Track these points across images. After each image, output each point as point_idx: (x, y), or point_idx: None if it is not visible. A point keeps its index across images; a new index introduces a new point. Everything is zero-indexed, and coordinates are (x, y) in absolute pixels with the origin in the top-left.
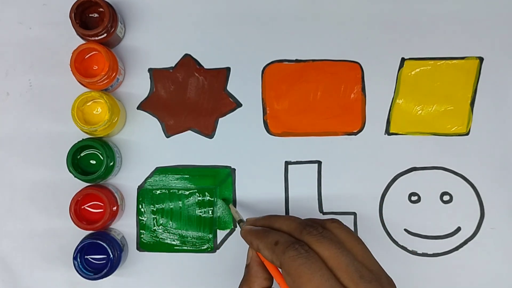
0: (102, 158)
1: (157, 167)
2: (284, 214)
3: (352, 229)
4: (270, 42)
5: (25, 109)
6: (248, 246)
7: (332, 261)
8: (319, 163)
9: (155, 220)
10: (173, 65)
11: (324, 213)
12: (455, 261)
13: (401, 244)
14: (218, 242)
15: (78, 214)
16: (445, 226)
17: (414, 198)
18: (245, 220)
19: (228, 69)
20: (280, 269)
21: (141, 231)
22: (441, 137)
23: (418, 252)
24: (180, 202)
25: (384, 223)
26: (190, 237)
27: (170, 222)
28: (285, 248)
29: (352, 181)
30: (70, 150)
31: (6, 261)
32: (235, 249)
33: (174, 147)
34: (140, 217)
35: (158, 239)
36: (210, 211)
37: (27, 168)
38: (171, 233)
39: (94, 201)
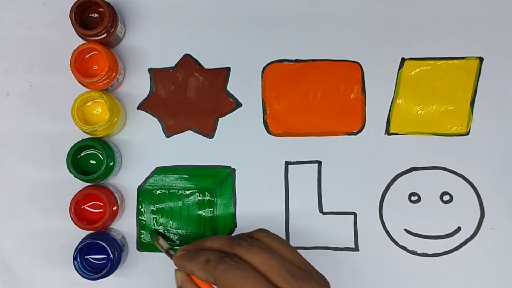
0: (102, 158)
1: (157, 167)
2: (284, 214)
3: (352, 229)
4: (270, 42)
5: (25, 109)
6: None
7: (263, 266)
8: (319, 163)
9: (155, 220)
10: (173, 65)
11: (324, 213)
12: (455, 261)
13: (401, 244)
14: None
15: (78, 214)
16: (445, 226)
17: (414, 198)
18: (172, 250)
19: (228, 69)
20: (215, 286)
21: (141, 231)
22: (441, 137)
23: (418, 252)
24: (180, 202)
25: (384, 223)
26: (190, 237)
27: (170, 222)
28: (216, 263)
29: (352, 181)
30: (70, 150)
31: (6, 261)
32: None
33: (174, 147)
34: (140, 217)
35: None
36: (210, 211)
37: (27, 168)
38: (171, 233)
39: (94, 201)
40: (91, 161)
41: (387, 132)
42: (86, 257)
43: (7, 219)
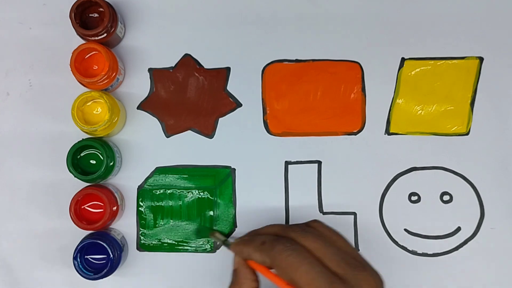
0: (102, 158)
1: (157, 167)
2: (284, 214)
3: (352, 229)
4: (270, 42)
5: (25, 109)
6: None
7: (318, 252)
8: (319, 163)
9: (155, 220)
10: (173, 65)
11: (324, 213)
12: (455, 261)
13: (401, 244)
14: (218, 242)
15: (78, 214)
16: (445, 226)
17: (414, 198)
18: (228, 240)
19: (228, 69)
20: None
21: (141, 231)
22: (441, 137)
23: (418, 252)
24: (180, 202)
25: (384, 223)
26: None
27: (170, 222)
28: (271, 245)
29: (352, 181)
30: (70, 150)
31: (6, 261)
32: None
33: (174, 147)
34: (140, 217)
35: (158, 239)
36: (210, 211)
37: (27, 168)
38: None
39: (94, 201)
40: (91, 161)
41: (387, 132)
42: (86, 257)
43: (7, 219)
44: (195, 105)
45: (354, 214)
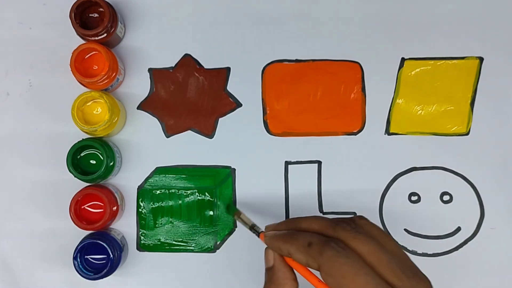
0: (102, 158)
1: (157, 167)
2: (284, 214)
3: None
4: (270, 42)
5: (25, 109)
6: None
7: (371, 257)
8: (319, 163)
9: (155, 220)
10: (173, 65)
11: (324, 213)
12: (455, 261)
13: (401, 244)
14: (218, 242)
15: (78, 214)
16: (445, 226)
17: (414, 198)
18: (257, 225)
19: (228, 69)
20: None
21: (141, 231)
22: (441, 137)
23: (418, 252)
24: (180, 202)
25: (384, 223)
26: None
27: (170, 222)
28: (321, 248)
29: (352, 181)
30: (70, 150)
31: (6, 261)
32: (235, 249)
33: (174, 147)
34: (140, 217)
35: (158, 239)
36: (210, 211)
37: (27, 168)
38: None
39: (94, 201)
40: (91, 161)
41: (387, 132)
42: (86, 257)
43: (7, 219)
44: (195, 105)
45: (354, 214)
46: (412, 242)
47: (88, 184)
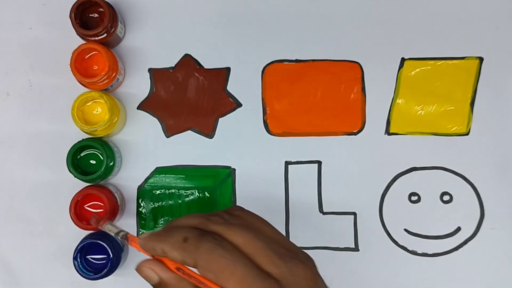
0: (102, 158)
1: (157, 167)
2: (284, 214)
3: (352, 229)
4: (270, 42)
5: (25, 109)
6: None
7: (248, 247)
8: (319, 163)
9: (155, 220)
10: (173, 65)
11: (324, 213)
12: (455, 261)
13: (401, 244)
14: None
15: (78, 214)
16: (445, 226)
17: (414, 198)
18: (126, 231)
19: (228, 69)
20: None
21: (141, 231)
22: (441, 137)
23: (418, 252)
24: (180, 202)
25: (384, 223)
26: None
27: None
28: (197, 242)
29: (352, 181)
30: (70, 150)
31: (6, 261)
32: None
33: (174, 147)
34: (140, 217)
35: None
36: (210, 211)
37: (27, 168)
38: None
39: (94, 201)
40: (91, 161)
41: (387, 132)
42: (86, 257)
43: (7, 219)
44: (195, 105)
45: (354, 214)
46: (412, 242)
47: (88, 184)
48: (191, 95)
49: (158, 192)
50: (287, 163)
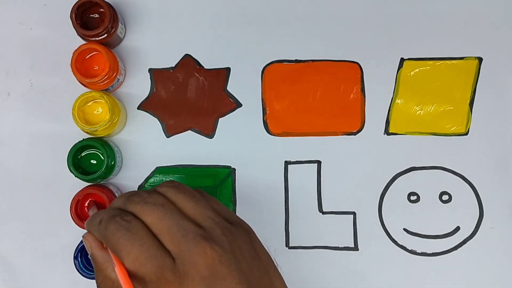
0: (102, 158)
1: (157, 167)
2: (284, 214)
3: (352, 228)
4: (270, 42)
5: (26, 109)
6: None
7: (154, 226)
8: (318, 163)
9: None
10: (173, 65)
11: (324, 213)
12: (454, 261)
13: (400, 244)
14: None
15: (79, 213)
16: (444, 225)
17: (413, 197)
18: None
19: (228, 69)
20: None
21: None
22: (440, 137)
23: (417, 251)
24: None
25: (383, 223)
26: None
27: None
28: (106, 223)
29: (351, 181)
30: (70, 150)
31: (7, 261)
32: None
33: (174, 147)
34: None
35: None
36: None
37: (27, 168)
38: None
39: (94, 201)
40: (92, 161)
41: (386, 132)
42: (87, 256)
43: (7, 219)
44: (195, 105)
45: (354, 213)
46: (411, 241)
47: (88, 184)
48: (191, 95)
49: None
50: (287, 163)
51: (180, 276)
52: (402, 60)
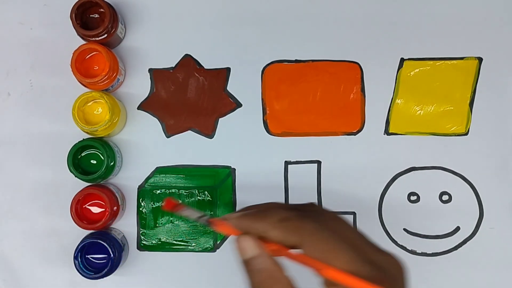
0: (102, 158)
1: (157, 167)
2: None
3: None
4: (270, 42)
5: (26, 109)
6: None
7: (344, 235)
8: (318, 163)
9: (155, 219)
10: (173, 65)
11: None
12: (454, 261)
13: (401, 244)
14: (218, 241)
15: (79, 213)
16: (444, 225)
17: (413, 197)
18: (207, 215)
19: (228, 69)
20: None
21: (141, 230)
22: (440, 137)
23: (417, 251)
24: (180, 202)
25: (383, 223)
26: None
27: (171, 222)
28: (300, 222)
29: (351, 181)
30: (70, 150)
31: (7, 261)
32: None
33: (174, 147)
34: (140, 217)
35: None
36: (210, 211)
37: (28, 168)
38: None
39: (95, 201)
40: (92, 161)
41: (386, 132)
42: (86, 256)
43: (7, 219)
44: (195, 105)
45: (354, 214)
46: (411, 241)
47: (89, 184)
48: (191, 95)
49: (158, 191)
50: (287, 163)
51: None
52: (402, 60)
